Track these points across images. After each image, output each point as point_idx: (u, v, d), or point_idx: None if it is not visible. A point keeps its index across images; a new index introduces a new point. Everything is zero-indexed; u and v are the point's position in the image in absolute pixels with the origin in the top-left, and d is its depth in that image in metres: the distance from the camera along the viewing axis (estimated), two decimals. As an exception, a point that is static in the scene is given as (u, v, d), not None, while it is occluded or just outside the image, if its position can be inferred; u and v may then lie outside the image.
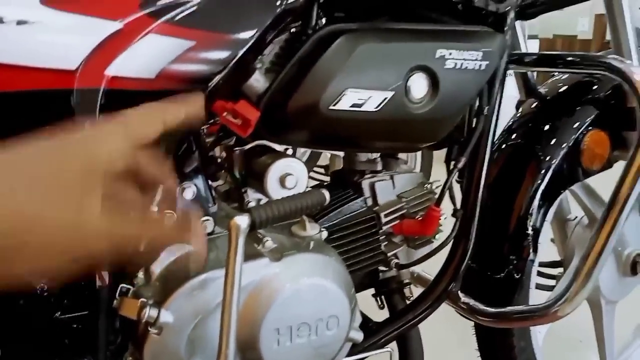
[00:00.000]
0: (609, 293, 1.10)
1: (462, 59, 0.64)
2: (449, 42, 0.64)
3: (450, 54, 0.64)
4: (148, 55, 0.48)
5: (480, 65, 0.66)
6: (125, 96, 0.48)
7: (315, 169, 1.99)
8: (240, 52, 0.55)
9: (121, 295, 0.59)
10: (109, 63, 0.47)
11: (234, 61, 0.54)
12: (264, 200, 0.70)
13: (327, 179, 0.89)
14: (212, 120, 0.63)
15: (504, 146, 0.97)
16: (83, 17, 0.46)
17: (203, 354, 0.60)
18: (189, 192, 0.63)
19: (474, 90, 0.67)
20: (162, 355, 0.59)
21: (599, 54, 0.81)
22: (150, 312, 0.56)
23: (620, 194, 0.69)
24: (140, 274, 0.61)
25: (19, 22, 0.43)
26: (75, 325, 0.61)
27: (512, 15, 0.75)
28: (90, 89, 0.46)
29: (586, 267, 0.70)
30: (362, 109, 0.60)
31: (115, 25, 0.47)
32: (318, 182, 0.81)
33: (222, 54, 0.54)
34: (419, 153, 2.21)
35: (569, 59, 0.77)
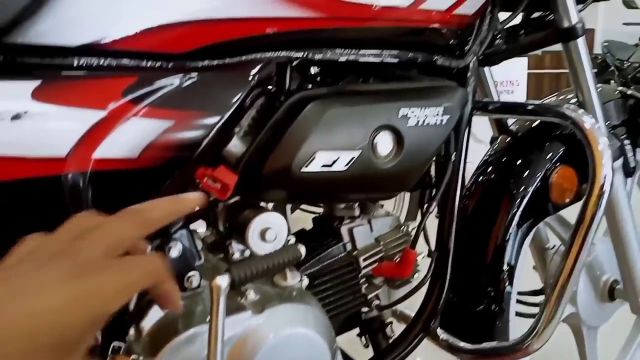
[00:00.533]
0: (589, 319, 1.14)
1: (424, 116, 0.70)
2: (411, 100, 0.69)
3: (413, 112, 0.69)
4: (130, 137, 0.53)
5: (442, 120, 0.71)
6: (110, 176, 0.53)
7: (303, 206, 2.03)
8: (218, 124, 0.60)
9: (113, 352, 0.62)
10: (96, 147, 0.51)
11: (212, 133, 0.59)
12: (248, 251, 0.75)
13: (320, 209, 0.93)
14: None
15: (479, 180, 1.02)
16: (71, 109, 0.51)
17: (192, 404, 0.63)
18: (175, 251, 0.68)
19: (437, 142, 0.72)
20: (153, 407, 0.62)
21: (557, 103, 0.86)
22: (141, 367, 0.60)
23: (579, 232, 0.73)
24: (132, 331, 0.65)
25: (14, 117, 0.48)
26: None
27: (474, 67, 0.80)
28: (78, 172, 0.51)
29: (552, 299, 0.74)
30: (332, 168, 0.65)
31: (100, 114, 0.52)
32: (301, 230, 0.86)
33: (200, 129, 0.59)
34: (406, 195, 2.26)
35: (529, 107, 0.82)
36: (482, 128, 1.20)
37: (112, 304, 0.36)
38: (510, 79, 4.09)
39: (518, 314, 1.06)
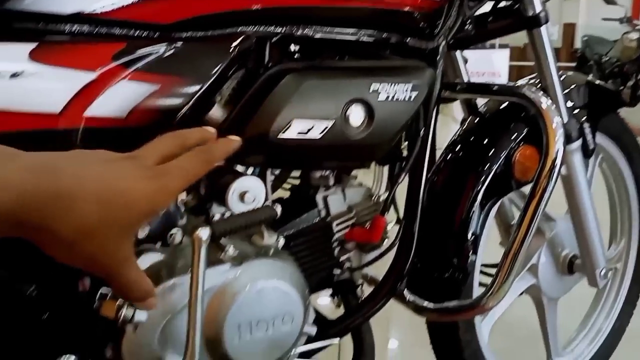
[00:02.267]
0: (550, 291, 1.22)
1: (393, 91, 0.75)
2: (382, 77, 0.75)
3: (383, 87, 0.74)
4: (119, 98, 0.58)
5: (410, 97, 0.77)
6: (100, 133, 0.58)
7: (290, 180, 2.09)
8: (201, 91, 0.65)
9: (100, 298, 0.68)
10: (87, 106, 0.56)
11: (194, 98, 0.64)
12: (228, 213, 0.80)
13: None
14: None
15: (447, 158, 1.09)
16: (64, 69, 0.55)
17: (174, 348, 0.69)
18: (160, 209, 0.73)
19: (405, 117, 0.78)
20: (137, 349, 0.68)
21: (518, 84, 0.92)
22: (126, 312, 0.65)
23: (531, 205, 0.80)
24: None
25: (13, 75, 0.53)
26: (60, 326, 0.70)
27: (443, 49, 0.86)
28: (71, 128, 0.56)
29: (506, 264, 0.81)
30: (307, 136, 0.71)
31: (91, 75, 0.56)
32: (279, 197, 0.91)
33: (184, 94, 0.64)
34: (385, 169, 2.31)
35: (493, 88, 0.88)
36: (460, 111, 1.27)
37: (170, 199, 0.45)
38: (492, 70, 4.18)
39: (481, 284, 1.13)
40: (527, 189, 1.11)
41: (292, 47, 0.80)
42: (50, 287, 0.70)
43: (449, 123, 0.84)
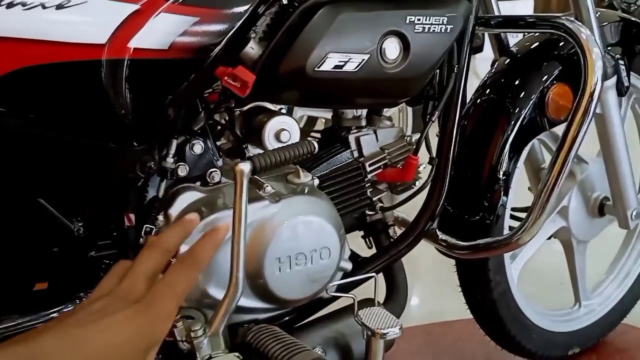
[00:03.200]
0: (579, 234, 1.22)
1: (429, 24, 0.74)
2: (418, 8, 0.74)
3: (419, 19, 0.73)
4: (161, 30, 0.59)
5: (446, 29, 0.76)
6: (144, 64, 0.59)
7: (313, 134, 2.09)
8: (237, 24, 0.65)
9: (145, 234, 0.70)
10: (131, 37, 0.57)
11: (231, 32, 0.64)
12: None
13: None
14: (215, 84, 0.73)
15: (478, 101, 1.07)
16: (108, 1, 0.56)
17: (217, 280, 0.72)
18: (198, 147, 0.74)
19: (441, 50, 0.77)
20: (183, 281, 0.70)
21: (556, 15, 0.90)
22: (171, 246, 0.67)
23: (568, 137, 0.79)
24: (161, 217, 0.72)
25: (58, 7, 0.54)
26: (107, 262, 0.73)
27: (477, -18, 0.84)
28: (117, 59, 0.57)
29: (540, 201, 0.81)
30: (343, 69, 0.70)
31: (134, 7, 0.57)
32: (310, 138, 0.91)
33: (222, 27, 0.64)
34: (410, 111, 2.30)
35: (529, 20, 0.86)
36: (483, 68, 1.25)
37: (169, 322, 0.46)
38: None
39: (511, 228, 1.13)
40: (559, 129, 1.10)
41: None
42: (96, 224, 0.72)
43: (471, 78, 0.83)
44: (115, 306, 0.44)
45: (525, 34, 1.12)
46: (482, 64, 1.18)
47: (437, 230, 0.93)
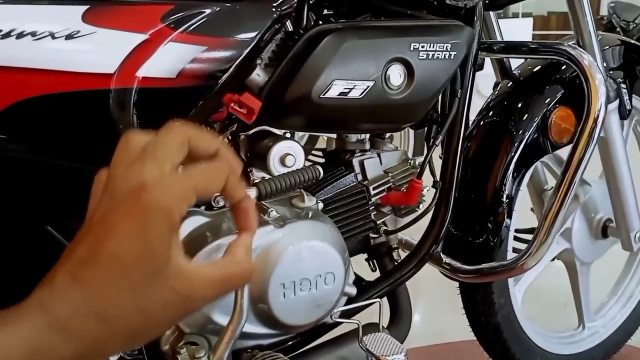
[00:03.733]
0: (583, 255, 1.22)
1: (433, 51, 0.75)
2: (422, 36, 0.74)
3: (423, 46, 0.74)
4: (169, 59, 0.59)
5: (449, 55, 0.76)
6: (152, 93, 0.59)
7: (314, 152, 2.11)
8: (244, 52, 0.66)
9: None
10: (139, 67, 0.57)
11: (239, 60, 0.65)
12: (267, 177, 0.82)
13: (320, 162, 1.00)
14: (220, 110, 0.73)
15: (481, 123, 1.08)
16: (116, 31, 0.56)
17: (221, 306, 0.71)
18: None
19: (444, 76, 0.77)
20: (187, 307, 0.70)
21: (558, 41, 0.91)
22: (176, 272, 0.67)
23: (573, 161, 0.80)
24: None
25: (67, 37, 0.54)
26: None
27: (480, 8, 0.85)
28: (125, 88, 0.57)
29: (545, 225, 0.81)
30: (348, 96, 0.71)
31: (142, 37, 0.57)
32: (312, 162, 0.92)
33: (229, 54, 0.64)
34: (412, 134, 2.32)
35: (532, 46, 0.87)
36: (485, 85, 1.25)
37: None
38: (514, 39, 4.09)
39: (515, 250, 1.13)
40: (561, 152, 1.11)
41: (328, 11, 0.80)
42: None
43: (473, 96, 0.84)
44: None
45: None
46: (483, 80, 1.18)
47: (440, 253, 0.93)
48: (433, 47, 0.75)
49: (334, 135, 0.96)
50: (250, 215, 0.43)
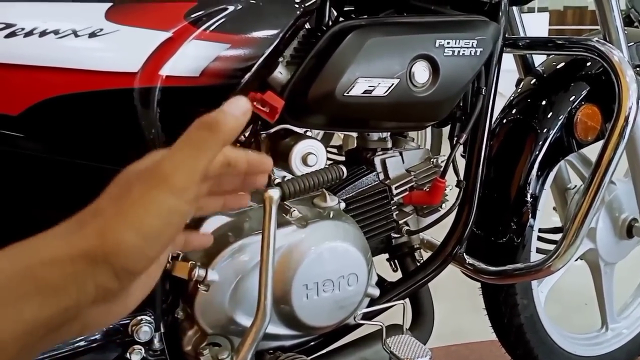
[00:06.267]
0: (607, 255, 1.19)
1: (459, 47, 0.73)
2: (447, 32, 0.73)
3: (448, 43, 0.72)
4: (193, 57, 0.58)
5: (475, 52, 0.75)
6: (176, 92, 0.58)
7: (329, 149, 2.09)
8: (268, 50, 0.64)
9: (173, 259, 0.69)
10: (163, 65, 0.57)
11: (262, 58, 0.64)
12: (289, 177, 0.81)
13: (340, 158, 0.99)
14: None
15: (504, 121, 1.06)
16: (140, 29, 0.55)
17: (244, 308, 0.70)
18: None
19: (470, 73, 0.76)
20: (210, 308, 0.70)
21: (585, 37, 0.89)
22: (199, 272, 0.67)
23: (603, 160, 0.77)
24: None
25: (90, 35, 0.53)
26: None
27: (505, 3, 0.83)
28: (149, 87, 0.56)
29: (574, 226, 0.79)
30: (373, 94, 0.70)
31: (165, 35, 0.57)
32: (334, 161, 0.91)
33: (251, 53, 0.63)
34: (429, 132, 2.30)
35: (558, 42, 0.85)
36: (504, 84, 1.23)
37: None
38: (531, 35, 4.05)
39: (538, 250, 1.11)
40: (586, 150, 1.08)
41: (352, 4, 0.78)
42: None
43: None
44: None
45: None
46: (502, 76, 1.16)
47: (464, 254, 0.91)
48: (458, 44, 0.73)
49: (353, 134, 0.95)
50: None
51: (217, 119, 0.37)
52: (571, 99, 1.00)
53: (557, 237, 1.25)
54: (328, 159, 0.94)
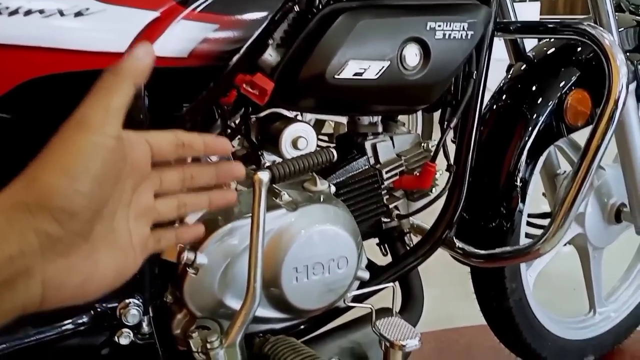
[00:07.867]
0: (595, 240, 1.20)
1: (450, 30, 0.73)
2: (438, 15, 0.72)
3: (439, 26, 0.72)
4: (181, 38, 0.58)
5: (466, 35, 0.74)
6: (163, 72, 0.57)
7: (320, 137, 2.09)
8: (257, 32, 0.64)
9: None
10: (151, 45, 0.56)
11: (251, 39, 0.63)
12: (279, 161, 0.80)
13: (331, 145, 0.99)
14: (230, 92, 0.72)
15: (494, 107, 1.06)
16: (127, 8, 0.55)
17: (233, 291, 0.70)
18: (213, 158, 0.73)
19: (461, 57, 0.75)
20: (198, 291, 0.70)
21: (576, 20, 0.89)
22: (188, 255, 0.66)
23: (592, 144, 0.78)
24: (177, 225, 0.71)
25: (76, 14, 0.53)
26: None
27: (496, -13, 0.83)
28: (137, 68, 0.55)
29: (563, 210, 0.80)
30: (363, 77, 0.69)
31: (153, 14, 0.56)
32: (324, 146, 0.90)
33: (241, 34, 0.63)
34: (420, 117, 2.30)
35: (550, 26, 0.85)
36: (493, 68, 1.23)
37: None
38: (523, 22, 4.05)
39: (527, 235, 1.12)
40: (575, 135, 1.09)
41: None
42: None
43: None
44: None
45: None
46: (492, 64, 1.16)
47: (453, 238, 0.92)
48: (450, 27, 0.73)
49: (344, 121, 0.94)
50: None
51: (121, 64, 0.41)
52: (561, 84, 1.01)
53: (546, 222, 1.26)
54: (318, 146, 0.94)
